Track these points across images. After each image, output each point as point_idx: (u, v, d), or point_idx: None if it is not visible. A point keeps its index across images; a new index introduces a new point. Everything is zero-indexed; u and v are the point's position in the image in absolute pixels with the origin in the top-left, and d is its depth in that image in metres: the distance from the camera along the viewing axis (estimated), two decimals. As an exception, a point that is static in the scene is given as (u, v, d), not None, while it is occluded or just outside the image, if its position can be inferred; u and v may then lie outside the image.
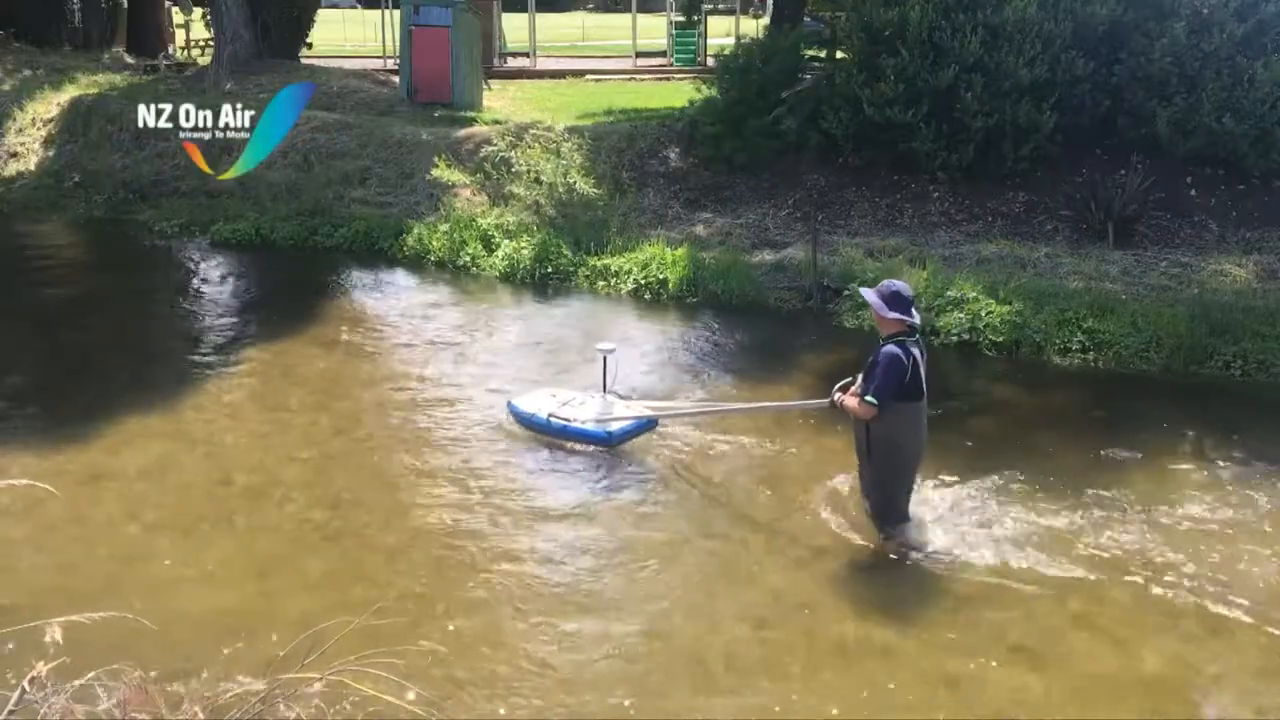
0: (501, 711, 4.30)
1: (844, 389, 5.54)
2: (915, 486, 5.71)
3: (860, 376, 5.51)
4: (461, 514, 5.90)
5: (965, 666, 4.61)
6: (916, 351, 5.31)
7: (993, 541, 5.54)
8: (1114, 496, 6.09)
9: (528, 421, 6.79)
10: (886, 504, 5.60)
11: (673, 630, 4.86)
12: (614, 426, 6.54)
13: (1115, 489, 6.18)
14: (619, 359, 6.99)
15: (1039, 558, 5.40)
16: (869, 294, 5.45)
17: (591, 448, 6.62)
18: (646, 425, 6.68)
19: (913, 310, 5.36)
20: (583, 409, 6.67)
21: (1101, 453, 6.73)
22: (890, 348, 5.27)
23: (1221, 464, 6.56)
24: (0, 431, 6.96)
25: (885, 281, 5.50)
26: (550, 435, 6.68)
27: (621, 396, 6.86)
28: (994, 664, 4.63)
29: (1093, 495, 6.08)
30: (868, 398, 5.26)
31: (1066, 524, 5.74)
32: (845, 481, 6.09)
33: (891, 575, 5.34)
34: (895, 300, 5.32)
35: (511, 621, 4.91)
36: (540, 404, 6.81)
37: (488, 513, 5.91)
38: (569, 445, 6.67)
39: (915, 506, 5.74)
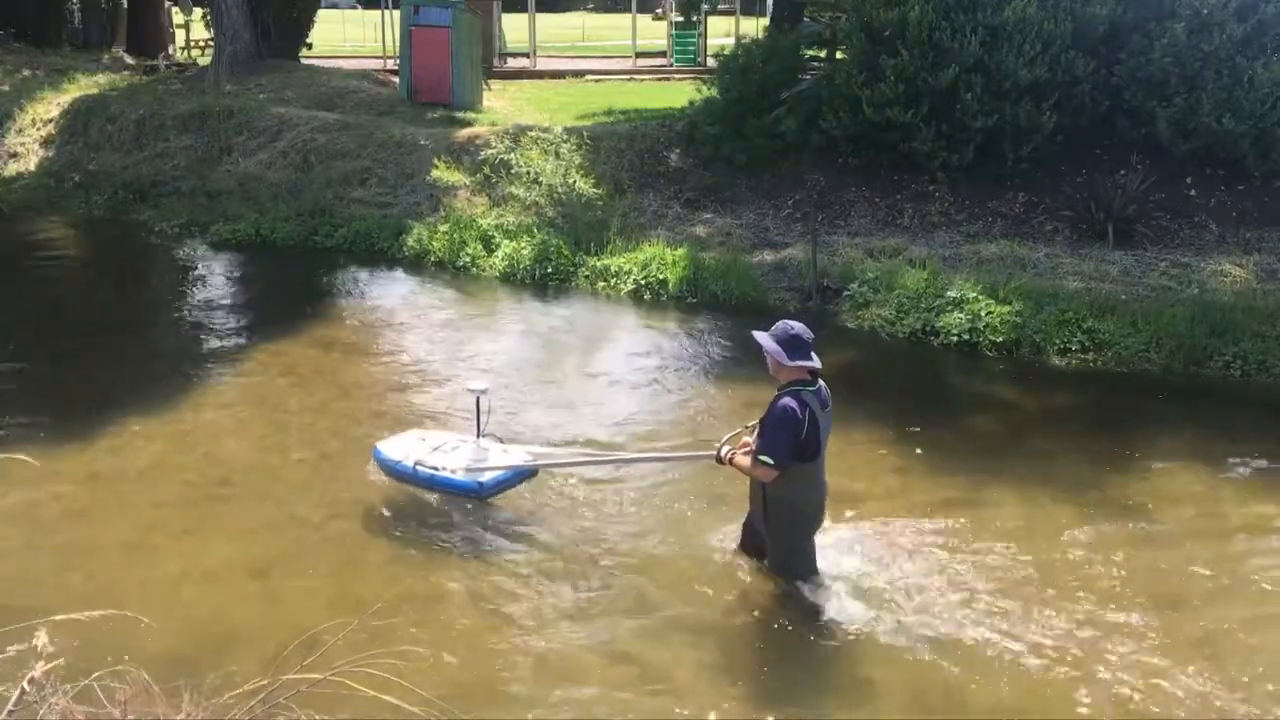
0: (501, 712, 4.30)
1: (734, 440, 5.00)
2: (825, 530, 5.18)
3: (756, 428, 4.92)
4: (461, 514, 5.89)
5: None
6: (815, 403, 4.75)
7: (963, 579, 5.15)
8: (1112, 503, 6.08)
9: (392, 470, 6.03)
10: (785, 566, 5.09)
11: (671, 635, 4.87)
12: (486, 477, 5.84)
13: (1114, 495, 6.17)
14: (491, 399, 6.32)
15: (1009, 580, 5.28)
16: (764, 339, 4.83)
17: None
18: (524, 474, 6.03)
19: (813, 354, 4.79)
20: (454, 456, 5.93)
21: (1101, 455, 6.72)
22: (785, 400, 4.73)
23: (1222, 466, 6.54)
24: (0, 432, 6.96)
25: (781, 324, 4.87)
26: (418, 485, 5.99)
27: (499, 440, 6.16)
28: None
29: (1092, 501, 6.07)
30: (762, 457, 4.72)
31: (1057, 538, 5.70)
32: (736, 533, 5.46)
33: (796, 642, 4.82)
34: (795, 345, 4.74)
35: (511, 621, 4.90)
36: (408, 449, 6.05)
37: (487, 513, 5.91)
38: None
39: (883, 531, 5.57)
